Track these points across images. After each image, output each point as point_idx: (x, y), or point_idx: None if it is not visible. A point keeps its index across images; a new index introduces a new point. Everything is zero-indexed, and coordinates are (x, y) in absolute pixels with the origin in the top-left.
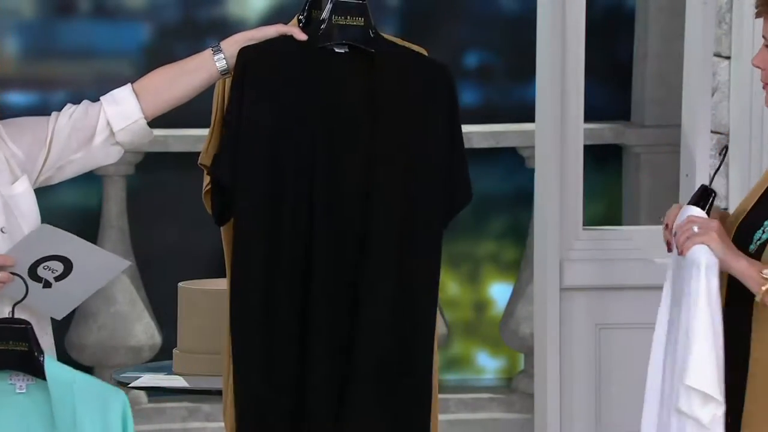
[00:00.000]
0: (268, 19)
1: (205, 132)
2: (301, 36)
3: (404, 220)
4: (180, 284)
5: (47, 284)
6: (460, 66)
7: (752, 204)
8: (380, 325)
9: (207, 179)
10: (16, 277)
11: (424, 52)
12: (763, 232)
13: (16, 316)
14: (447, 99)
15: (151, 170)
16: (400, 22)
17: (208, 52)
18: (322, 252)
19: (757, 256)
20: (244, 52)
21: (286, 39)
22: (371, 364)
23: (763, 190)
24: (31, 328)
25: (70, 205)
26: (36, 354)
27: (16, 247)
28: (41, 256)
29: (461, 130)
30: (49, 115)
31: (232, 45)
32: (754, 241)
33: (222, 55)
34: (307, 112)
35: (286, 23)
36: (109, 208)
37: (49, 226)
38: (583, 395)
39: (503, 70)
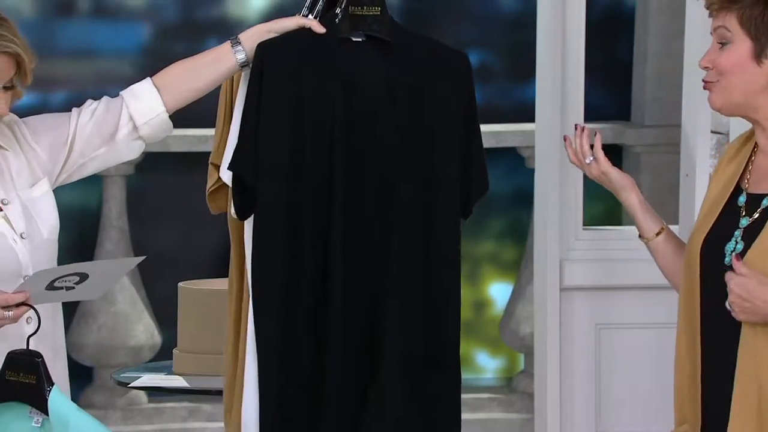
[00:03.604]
0: (268, 20)
1: (205, 132)
2: (320, 29)
3: (425, 211)
4: (180, 284)
5: (70, 288)
6: None
7: (716, 216)
8: (407, 319)
9: (213, 179)
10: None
11: None
12: (736, 243)
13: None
14: (465, 87)
15: (151, 170)
16: (400, 21)
17: (227, 44)
18: (343, 246)
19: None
20: (261, 47)
21: (304, 31)
22: (398, 359)
23: (724, 202)
24: (42, 361)
25: (70, 205)
26: (44, 388)
27: (25, 284)
28: (53, 278)
29: (477, 118)
30: (54, 111)
31: (251, 37)
32: (729, 253)
33: (241, 47)
34: (326, 104)
35: None
36: (109, 208)
37: (44, 270)
38: (583, 395)
39: (503, 70)
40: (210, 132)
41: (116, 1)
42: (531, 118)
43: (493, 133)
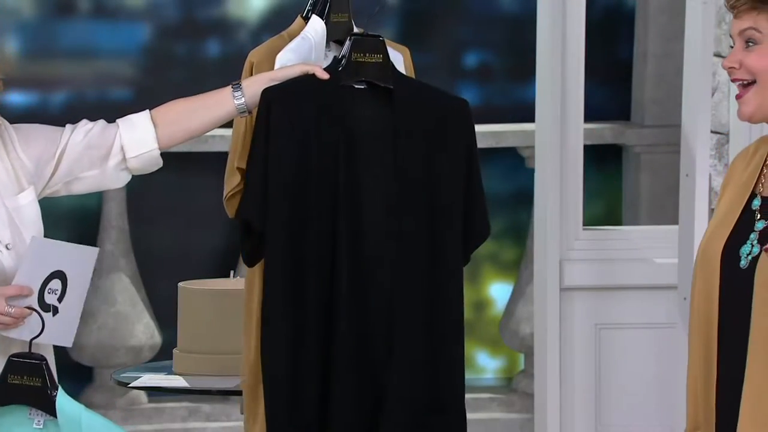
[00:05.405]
0: (268, 20)
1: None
2: (323, 75)
3: (429, 257)
4: (180, 284)
5: (55, 311)
6: (460, 66)
7: (734, 221)
8: (411, 363)
9: (233, 183)
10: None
11: (406, 51)
12: (752, 246)
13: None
14: (464, 134)
15: None
16: (400, 22)
17: (228, 89)
18: (348, 291)
19: (750, 270)
20: (268, 92)
21: (308, 77)
22: (404, 401)
23: (742, 207)
24: (46, 363)
25: (69, 205)
26: (49, 390)
27: (22, 274)
28: (44, 278)
29: (479, 165)
30: (49, 119)
31: (253, 85)
32: (744, 256)
33: (241, 94)
34: (330, 150)
35: (287, 24)
36: (109, 208)
37: (39, 238)
38: (583, 395)
39: (503, 70)
40: (211, 132)
41: (116, 1)
42: (531, 118)
43: (493, 133)
